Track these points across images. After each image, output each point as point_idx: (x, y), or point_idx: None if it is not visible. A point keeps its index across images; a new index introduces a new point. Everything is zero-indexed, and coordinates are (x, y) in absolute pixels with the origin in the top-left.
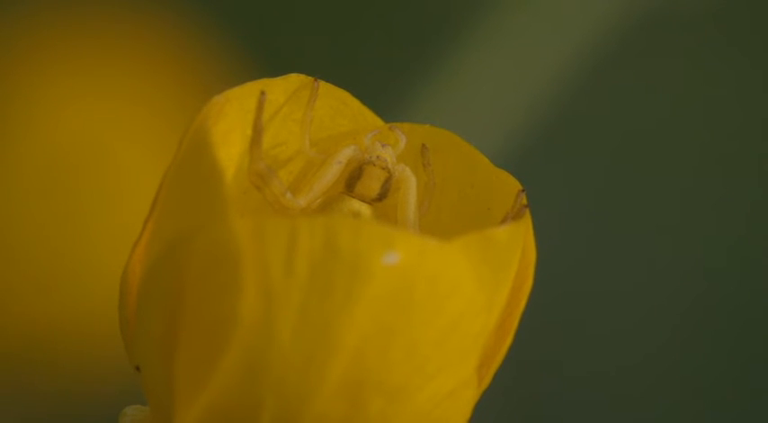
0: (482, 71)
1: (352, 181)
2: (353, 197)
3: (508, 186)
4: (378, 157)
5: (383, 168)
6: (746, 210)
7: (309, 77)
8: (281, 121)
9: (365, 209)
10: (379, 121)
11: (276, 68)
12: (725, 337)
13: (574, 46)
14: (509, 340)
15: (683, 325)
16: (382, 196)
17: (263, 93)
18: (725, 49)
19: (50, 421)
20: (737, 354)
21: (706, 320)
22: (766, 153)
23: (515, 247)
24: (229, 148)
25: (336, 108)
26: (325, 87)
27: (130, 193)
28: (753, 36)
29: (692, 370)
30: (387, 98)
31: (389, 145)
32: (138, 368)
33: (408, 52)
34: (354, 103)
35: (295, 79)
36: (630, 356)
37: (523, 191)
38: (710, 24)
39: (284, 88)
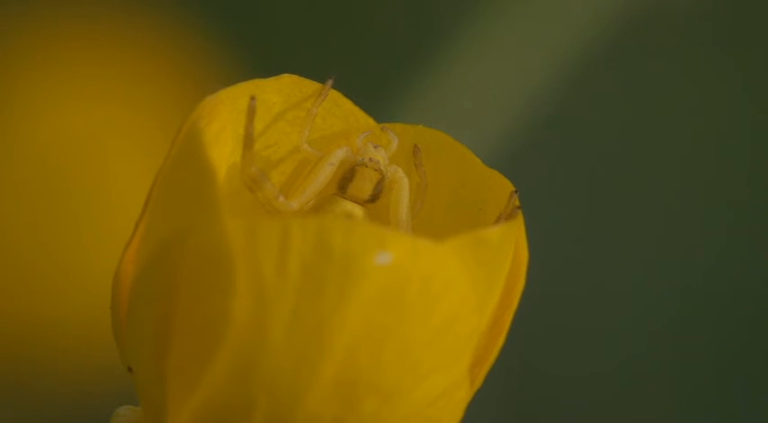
0: (474, 71)
1: (344, 182)
2: (346, 199)
3: (500, 187)
4: (370, 158)
5: (375, 170)
6: (739, 209)
7: (302, 78)
8: (274, 122)
9: (358, 210)
10: (371, 122)
11: (269, 69)
12: (718, 337)
13: (566, 47)
14: (501, 340)
15: (677, 326)
16: (375, 197)
17: (253, 97)
18: (715, 49)
19: (43, 421)
20: (730, 354)
21: (700, 321)
22: (757, 150)
23: (508, 247)
24: (222, 148)
25: (328, 108)
26: (317, 88)
27: (123, 193)
28: (743, 36)
29: (684, 371)
30: (379, 98)
31: (381, 146)
32: (130, 369)
33: (400, 52)
34: (346, 103)
35: (287, 80)
36: (625, 356)
37: (516, 191)
38: (701, 24)
39: (277, 89)
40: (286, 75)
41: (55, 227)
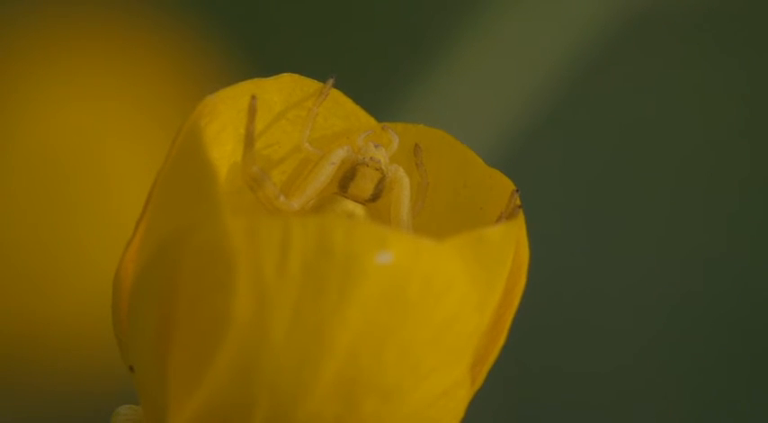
0: (475, 70)
1: (345, 182)
2: (347, 198)
3: (501, 186)
4: (371, 158)
5: (376, 169)
6: (739, 210)
7: (303, 77)
8: (275, 121)
9: (359, 209)
10: (372, 121)
11: (269, 69)
12: (721, 335)
13: (566, 46)
14: (502, 340)
15: (677, 326)
16: (376, 197)
17: (253, 96)
18: (715, 49)
19: (43, 421)
20: (733, 352)
21: (700, 322)
22: (757, 150)
23: (508, 246)
24: (222, 147)
25: (329, 108)
26: (318, 87)
27: (124, 192)
28: (744, 36)
29: (685, 371)
30: (380, 97)
31: (382, 145)
32: (131, 368)
33: (401, 51)
34: (347, 102)
35: (288, 79)
36: (625, 356)
37: (517, 191)
38: (701, 24)
39: (277, 88)
40: (286, 74)
41: (55, 227)
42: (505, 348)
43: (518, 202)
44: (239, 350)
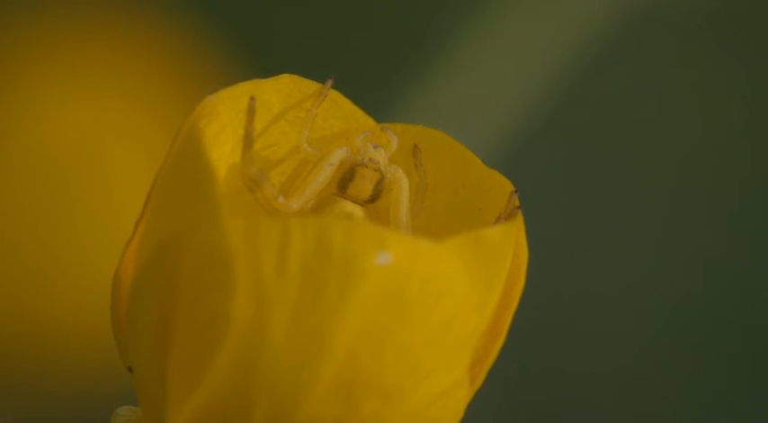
0: (474, 71)
1: (344, 183)
2: (346, 199)
3: (500, 187)
4: (370, 159)
5: (375, 170)
6: (739, 210)
7: (302, 78)
8: (274, 122)
9: (358, 210)
10: (371, 122)
11: (269, 69)
12: (721, 335)
13: (565, 47)
14: (501, 340)
15: (679, 324)
16: (375, 198)
17: (252, 98)
18: (715, 49)
19: (43, 421)
20: (733, 352)
21: (701, 322)
22: (757, 150)
23: (507, 247)
24: (221, 148)
25: (328, 109)
26: (317, 88)
27: (123, 193)
28: (743, 36)
29: (688, 369)
30: (379, 98)
31: (381, 146)
32: (130, 369)
33: (401, 51)
34: (346, 103)
35: (287, 80)
36: (625, 356)
37: (516, 191)
38: (701, 24)
39: (276, 89)
40: (286, 75)
41: (55, 227)
42: (505, 349)
43: (517, 202)
44: (238, 351)
